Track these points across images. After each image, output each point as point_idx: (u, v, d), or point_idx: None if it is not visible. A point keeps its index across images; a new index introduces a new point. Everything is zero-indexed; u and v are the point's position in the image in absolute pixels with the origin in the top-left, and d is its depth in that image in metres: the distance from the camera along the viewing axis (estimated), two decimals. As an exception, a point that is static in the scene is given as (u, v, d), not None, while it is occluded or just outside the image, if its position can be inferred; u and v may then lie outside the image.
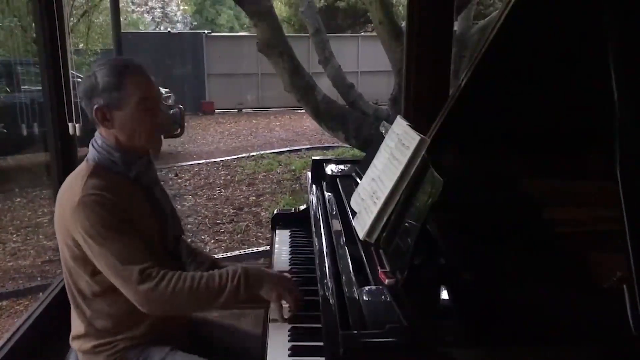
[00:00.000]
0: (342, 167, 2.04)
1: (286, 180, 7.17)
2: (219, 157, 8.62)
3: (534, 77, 1.60)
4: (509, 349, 1.02)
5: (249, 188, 6.85)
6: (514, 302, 1.14)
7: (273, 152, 8.90)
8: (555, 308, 1.14)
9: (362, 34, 16.02)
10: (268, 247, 4.68)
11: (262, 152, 8.87)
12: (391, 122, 1.83)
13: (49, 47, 2.48)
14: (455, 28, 5.57)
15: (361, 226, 1.35)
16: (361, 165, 1.80)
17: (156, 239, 1.52)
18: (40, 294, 4.03)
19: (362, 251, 1.29)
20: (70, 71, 2.60)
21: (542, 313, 1.11)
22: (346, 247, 1.36)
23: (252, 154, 8.79)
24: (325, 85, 5.76)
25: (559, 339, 1.05)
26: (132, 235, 1.42)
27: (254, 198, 6.45)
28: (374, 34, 15.90)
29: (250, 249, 4.81)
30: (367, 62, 14.04)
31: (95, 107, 1.46)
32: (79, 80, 1.71)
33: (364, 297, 1.10)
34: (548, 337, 1.04)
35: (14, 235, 5.18)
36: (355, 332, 0.97)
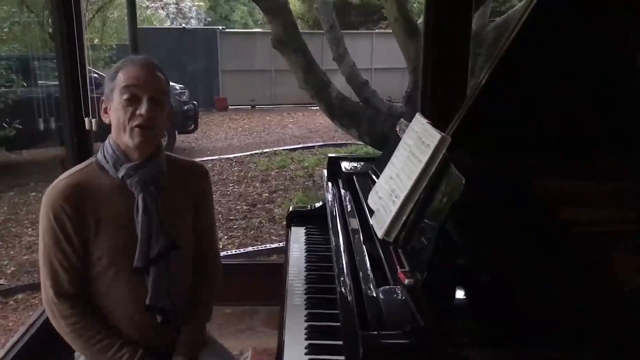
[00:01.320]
0: (358, 164, 2.03)
1: (299, 177, 7.17)
2: (232, 154, 8.64)
3: (554, 75, 1.58)
4: (528, 352, 1.01)
5: (262, 184, 6.86)
6: (532, 304, 1.12)
7: (286, 149, 8.89)
8: (574, 310, 1.12)
9: (376, 31, 15.95)
10: (281, 244, 4.73)
11: (275, 149, 8.87)
12: (406, 120, 1.82)
13: (65, 42, 2.48)
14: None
15: (379, 225, 1.33)
16: (378, 163, 1.79)
17: (123, 249, 1.47)
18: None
19: (380, 250, 1.27)
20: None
21: (560, 315, 1.10)
22: (364, 246, 1.34)
23: (265, 150, 8.79)
24: (338, 82, 5.74)
25: (578, 342, 1.03)
26: (68, 252, 1.44)
27: (267, 194, 6.45)
28: (388, 31, 15.86)
29: (263, 246, 4.81)
30: (381, 59, 14.00)
31: (101, 99, 1.52)
32: (95, 75, 1.72)
33: (383, 297, 1.08)
34: (567, 340, 1.03)
35: (29, 229, 5.23)
36: (376, 332, 0.96)
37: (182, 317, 1.58)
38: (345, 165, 2.00)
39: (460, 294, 1.11)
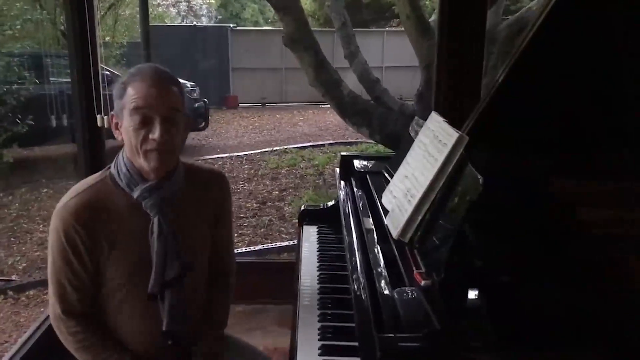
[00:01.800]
0: (371, 163, 2.01)
1: (309, 176, 7.15)
2: (242, 151, 8.64)
3: (571, 75, 1.56)
4: (547, 356, 0.99)
5: (272, 182, 6.85)
6: (550, 307, 1.10)
7: (296, 147, 8.88)
8: (593, 313, 1.10)
9: (387, 29, 15.90)
10: (291, 242, 4.72)
11: (285, 147, 8.86)
12: (420, 118, 1.80)
13: (78, 40, 2.48)
14: (484, 23, 5.47)
15: (394, 225, 1.32)
16: (392, 162, 1.77)
17: (136, 270, 1.41)
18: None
19: (395, 250, 1.26)
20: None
21: (578, 318, 1.07)
22: (378, 246, 1.33)
23: (275, 148, 8.79)
24: (349, 80, 5.71)
25: (598, 345, 1.01)
26: (79, 271, 1.39)
27: (277, 192, 6.44)
28: (399, 29, 15.81)
29: (273, 244, 4.80)
30: (392, 57, 13.95)
31: (110, 113, 1.43)
32: (106, 72, 1.65)
33: (398, 298, 1.07)
34: (585, 343, 1.01)
35: (41, 226, 5.25)
36: (393, 335, 0.94)
37: (197, 333, 1.54)
38: (358, 164, 1.99)
39: (477, 296, 1.09)
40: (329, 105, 6.38)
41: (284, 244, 4.78)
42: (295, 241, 4.67)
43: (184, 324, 1.45)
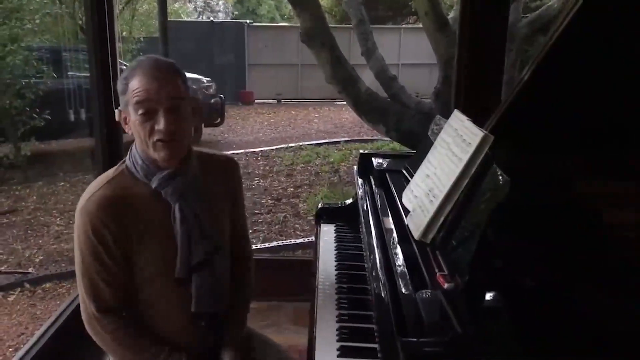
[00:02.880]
0: (390, 161, 1.98)
1: (324, 173, 7.13)
2: (257, 148, 8.64)
3: (600, 74, 1.52)
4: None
5: (287, 179, 6.84)
6: (578, 311, 1.07)
7: (311, 144, 8.86)
8: (621, 317, 1.07)
9: (404, 26, 15.81)
10: (306, 240, 4.70)
11: (300, 144, 8.84)
12: (442, 116, 1.76)
13: (97, 34, 2.49)
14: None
15: (416, 225, 1.29)
16: (412, 161, 1.74)
17: (165, 257, 1.43)
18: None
19: (416, 251, 1.23)
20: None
21: (608, 323, 1.04)
22: (399, 246, 1.30)
23: (290, 145, 8.77)
24: (366, 78, 5.68)
25: (623, 352, 0.98)
26: (109, 265, 1.39)
27: (292, 189, 6.43)
28: (416, 26, 15.71)
29: (288, 241, 4.79)
30: (409, 54, 13.87)
31: (118, 109, 1.43)
32: (124, 67, 1.65)
33: (420, 300, 1.04)
34: (612, 349, 0.98)
35: (58, 219, 5.30)
36: (417, 339, 0.92)
37: (225, 316, 1.55)
38: (377, 162, 1.96)
39: (501, 299, 1.07)
40: (344, 103, 6.34)
41: (298, 241, 4.77)
42: (310, 238, 4.71)
43: (212, 306, 1.47)
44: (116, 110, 2.51)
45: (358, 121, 9.43)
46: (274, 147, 8.66)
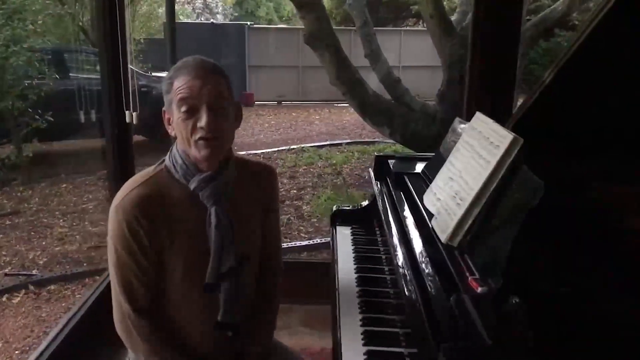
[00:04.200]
0: (407, 164, 1.97)
1: (327, 175, 7.12)
2: (259, 149, 8.62)
3: (623, 80, 1.51)
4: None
5: (290, 181, 6.83)
6: (613, 318, 1.06)
7: (313, 146, 8.83)
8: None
9: (405, 28, 15.83)
10: (311, 242, 4.69)
11: (302, 146, 8.81)
12: (459, 119, 1.76)
13: (108, 35, 2.48)
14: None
15: (442, 229, 1.28)
16: (430, 163, 1.73)
17: (195, 261, 1.41)
18: (87, 279, 4.11)
19: (444, 254, 1.22)
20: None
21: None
22: (425, 249, 1.29)
23: (292, 147, 8.74)
24: (369, 80, 5.68)
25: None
26: (143, 264, 1.38)
27: (295, 191, 6.42)
28: (417, 28, 15.73)
29: (293, 243, 4.77)
30: (409, 56, 13.87)
31: (163, 109, 1.43)
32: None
33: (454, 304, 1.03)
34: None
35: (61, 221, 5.28)
36: (457, 344, 0.91)
37: (249, 326, 1.53)
38: (394, 164, 1.95)
39: (534, 304, 1.05)
40: (345, 104, 6.32)
41: (303, 243, 4.75)
42: (315, 241, 4.69)
43: (238, 316, 1.46)
44: (128, 112, 2.53)
45: (359, 123, 9.41)
46: (276, 149, 8.63)
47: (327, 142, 9.19)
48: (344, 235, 1.95)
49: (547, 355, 0.95)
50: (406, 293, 1.18)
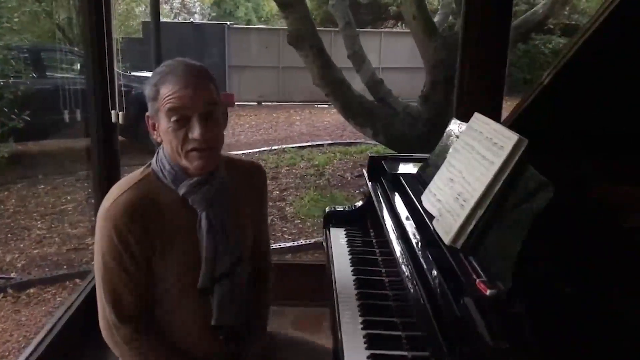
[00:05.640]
0: (401, 165, 1.96)
1: (310, 176, 7.09)
2: (240, 150, 8.55)
3: (623, 80, 1.53)
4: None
5: (273, 182, 6.78)
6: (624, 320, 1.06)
7: (295, 147, 8.80)
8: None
9: (385, 30, 15.88)
10: (295, 243, 4.66)
11: (284, 146, 8.77)
12: (456, 120, 1.75)
13: (94, 34, 2.44)
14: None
15: (445, 230, 1.27)
16: (426, 165, 1.72)
17: (188, 267, 1.38)
18: (67, 282, 4.02)
19: (448, 256, 1.21)
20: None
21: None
22: (428, 252, 1.27)
23: (273, 147, 8.70)
24: (351, 81, 5.68)
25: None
26: (133, 272, 1.34)
27: (277, 192, 6.38)
28: (396, 30, 15.78)
29: (277, 245, 4.74)
30: (389, 58, 13.92)
31: (146, 114, 1.37)
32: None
33: (464, 307, 1.02)
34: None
35: (39, 222, 5.16)
36: (469, 347, 0.89)
37: (245, 328, 1.50)
38: (388, 165, 1.94)
39: (543, 305, 1.05)
40: (326, 105, 6.29)
41: (287, 244, 4.72)
42: (299, 242, 4.66)
43: (232, 318, 1.43)
44: (113, 112, 2.48)
45: (340, 124, 9.41)
46: (257, 150, 8.58)
47: (309, 143, 9.16)
48: (338, 237, 1.93)
49: (554, 356, 0.94)
50: (412, 296, 1.17)
